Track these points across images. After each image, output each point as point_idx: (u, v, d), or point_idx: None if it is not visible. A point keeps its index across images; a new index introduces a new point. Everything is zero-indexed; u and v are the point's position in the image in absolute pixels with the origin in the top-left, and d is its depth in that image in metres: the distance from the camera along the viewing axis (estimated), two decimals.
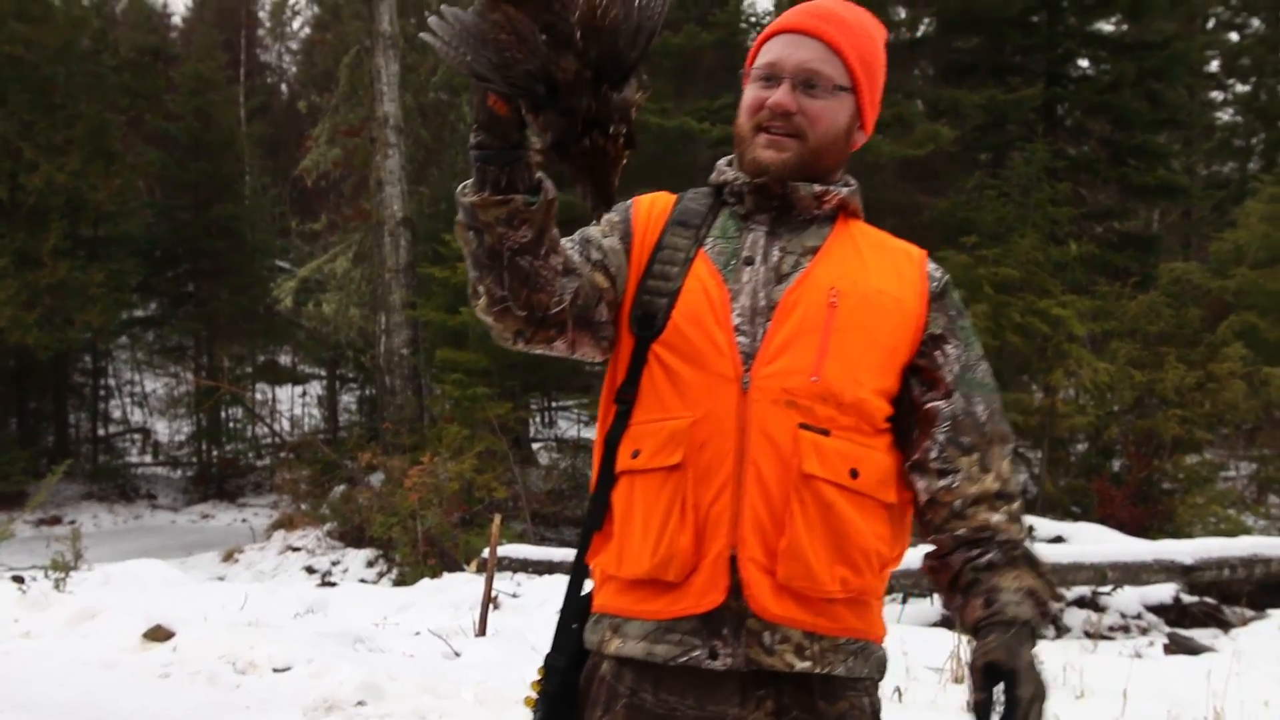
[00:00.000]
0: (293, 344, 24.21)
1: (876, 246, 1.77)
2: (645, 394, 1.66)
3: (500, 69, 1.37)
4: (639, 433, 1.65)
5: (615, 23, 1.40)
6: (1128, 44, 15.60)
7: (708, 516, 1.59)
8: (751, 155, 1.72)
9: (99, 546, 12.77)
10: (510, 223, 1.49)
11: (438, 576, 8.78)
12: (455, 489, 10.71)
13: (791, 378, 1.60)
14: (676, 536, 1.58)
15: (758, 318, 1.64)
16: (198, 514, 18.97)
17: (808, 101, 1.70)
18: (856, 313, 1.66)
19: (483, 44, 1.37)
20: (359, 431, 17.19)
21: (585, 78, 1.39)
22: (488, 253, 1.53)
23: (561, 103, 1.39)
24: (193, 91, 21.86)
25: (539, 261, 1.55)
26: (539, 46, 1.38)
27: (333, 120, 16.67)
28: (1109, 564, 7.54)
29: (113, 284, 18.34)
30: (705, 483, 1.59)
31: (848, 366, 1.63)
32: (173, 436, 23.29)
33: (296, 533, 13.66)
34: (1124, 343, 11.85)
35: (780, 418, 1.59)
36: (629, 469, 1.65)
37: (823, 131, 1.71)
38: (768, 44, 1.76)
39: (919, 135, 12.37)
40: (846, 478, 1.61)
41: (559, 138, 1.41)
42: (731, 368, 1.61)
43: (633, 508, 1.64)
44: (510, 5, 1.38)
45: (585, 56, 1.39)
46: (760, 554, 1.57)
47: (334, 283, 16.29)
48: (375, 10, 15.39)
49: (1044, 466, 11.90)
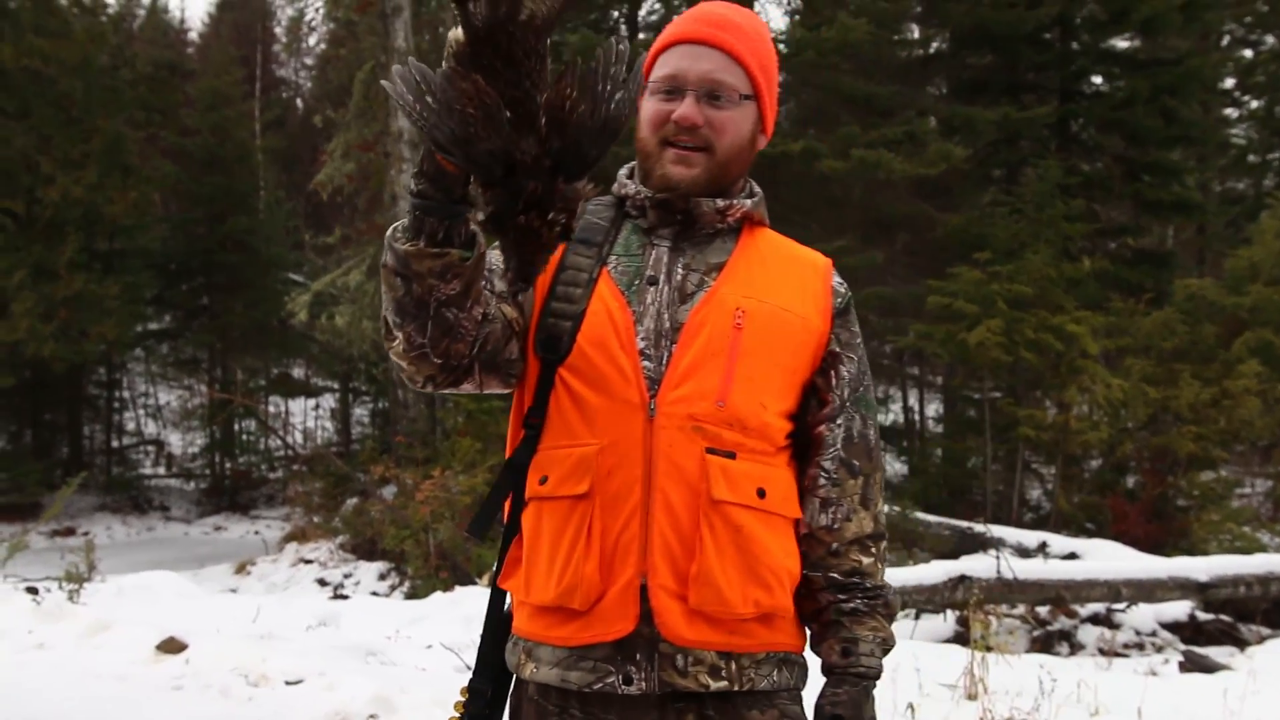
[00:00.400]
0: (306, 357, 24.27)
1: (783, 258, 1.76)
2: (553, 419, 1.65)
3: (461, 143, 1.35)
4: (546, 459, 1.65)
5: (582, 119, 1.38)
6: (1141, 61, 15.59)
7: (616, 545, 1.58)
8: (660, 172, 1.69)
9: (112, 558, 12.78)
10: (442, 275, 1.48)
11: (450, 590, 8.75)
12: (468, 502, 10.69)
13: (697, 403, 1.60)
14: (581, 565, 1.58)
15: (663, 340, 1.63)
16: (210, 526, 18.98)
17: (713, 113, 1.68)
18: (762, 334, 1.65)
19: (448, 111, 1.34)
20: (371, 444, 17.18)
21: (542, 164, 1.38)
22: (415, 302, 1.51)
23: (513, 182, 1.38)
24: (209, 106, 22.00)
25: (463, 314, 1.54)
26: (503, 125, 1.36)
27: (347, 135, 16.72)
28: (1123, 581, 7.50)
29: (128, 297, 18.43)
30: (613, 511, 1.59)
31: (753, 390, 1.63)
32: (186, 449, 23.34)
33: (309, 545, 13.66)
34: (1138, 359, 11.81)
35: (687, 444, 1.59)
36: (537, 495, 1.65)
37: (729, 142, 1.70)
38: (665, 55, 1.73)
39: (932, 154, 12.36)
40: (754, 498, 1.61)
41: (498, 211, 1.40)
42: (637, 394, 1.60)
43: (540, 534, 1.64)
44: (480, 76, 1.35)
45: (546, 144, 1.38)
46: (670, 581, 1.57)
47: (347, 296, 16.32)
48: (390, 27, 15.46)
49: (1058, 482, 11.86)
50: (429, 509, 10.25)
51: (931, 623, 7.82)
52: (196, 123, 22.10)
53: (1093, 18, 15.43)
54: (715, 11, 1.75)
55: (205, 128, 21.92)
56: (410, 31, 15.66)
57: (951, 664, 5.43)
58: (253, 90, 28.83)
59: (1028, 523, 11.65)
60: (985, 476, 12.38)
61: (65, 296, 16.87)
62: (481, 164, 1.36)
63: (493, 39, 1.35)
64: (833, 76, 13.17)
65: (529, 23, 1.35)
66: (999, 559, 7.56)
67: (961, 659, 5.38)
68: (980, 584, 7.24)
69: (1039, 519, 12.23)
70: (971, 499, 13.17)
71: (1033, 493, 13.54)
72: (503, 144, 1.35)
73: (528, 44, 1.36)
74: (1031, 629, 7.85)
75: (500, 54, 1.36)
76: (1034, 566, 7.78)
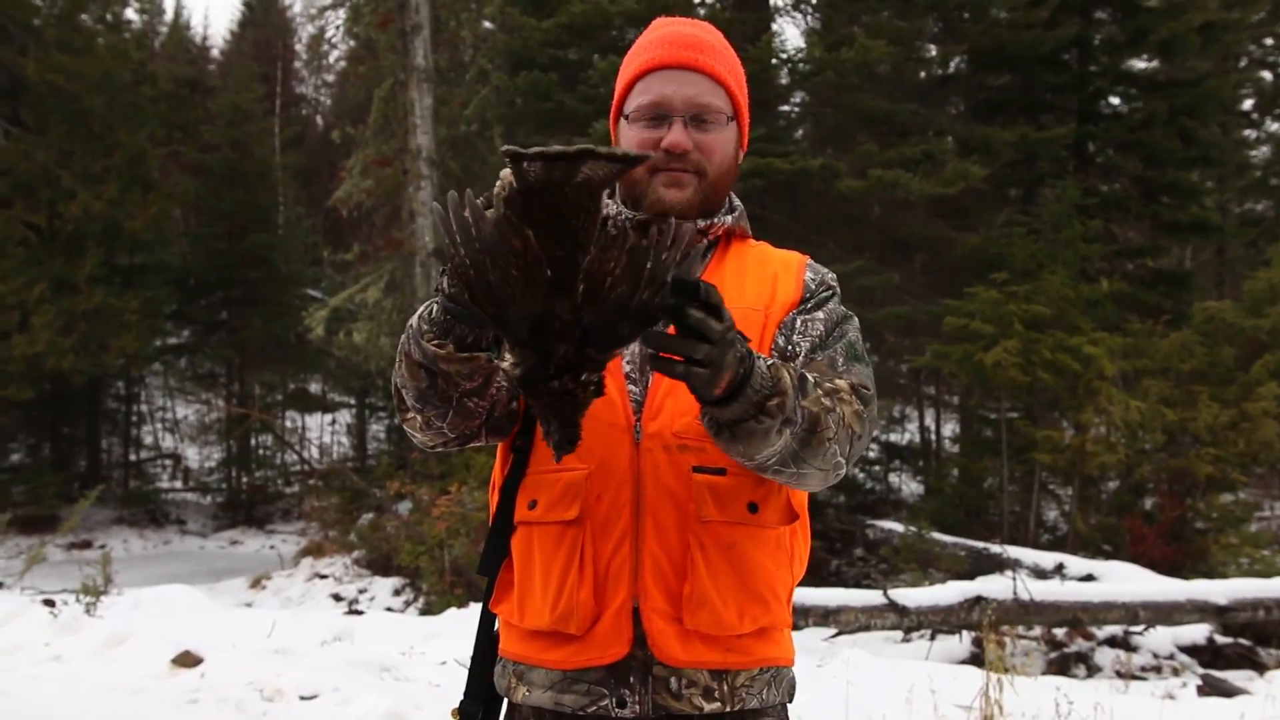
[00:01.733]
0: (323, 372, 24.33)
1: (757, 262, 1.75)
2: (540, 443, 1.64)
3: (496, 302, 1.29)
4: (535, 483, 1.65)
5: (619, 299, 1.31)
6: (1160, 82, 15.56)
7: (608, 569, 1.58)
8: (653, 197, 1.68)
9: (129, 571, 12.83)
10: (470, 376, 1.50)
11: (464, 606, 8.76)
12: (483, 519, 10.68)
13: (679, 420, 1.60)
14: (576, 590, 1.58)
15: (647, 365, 1.63)
16: (226, 540, 19.02)
17: (701, 136, 1.69)
18: None
19: (491, 265, 1.28)
20: (387, 460, 17.21)
21: (574, 331, 1.32)
22: (439, 395, 1.53)
23: (542, 343, 1.32)
24: (229, 122, 22.15)
25: (483, 401, 1.56)
26: (540, 289, 1.30)
27: (366, 152, 16.81)
28: (1141, 603, 7.46)
29: (147, 311, 18.52)
30: (603, 535, 1.59)
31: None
32: (203, 463, 23.42)
33: (324, 560, 13.68)
34: (1156, 381, 11.75)
35: (674, 464, 1.59)
36: (526, 520, 1.65)
37: (718, 163, 1.71)
38: (644, 82, 1.72)
39: (949, 173, 12.34)
40: (745, 514, 1.60)
41: (529, 374, 1.34)
42: (624, 418, 1.60)
43: (532, 559, 1.64)
44: (532, 232, 1.29)
45: (580, 311, 1.31)
46: (663, 603, 1.57)
47: (365, 312, 16.38)
48: (410, 45, 15.56)
49: (1075, 504, 11.80)
50: (444, 525, 10.25)
51: (947, 644, 7.78)
52: (217, 138, 22.25)
53: (1111, 39, 15.42)
54: (686, 34, 1.74)
55: (226, 143, 22.07)
56: (429, 49, 15.75)
57: (967, 686, 5.40)
58: (273, 107, 29.02)
59: (1044, 544, 11.58)
60: (1002, 497, 12.32)
61: (85, 310, 16.98)
62: (510, 327, 1.32)
63: (545, 195, 1.30)
64: (851, 96, 13.18)
65: (584, 184, 1.31)
66: (1015, 580, 7.52)
67: (977, 681, 5.35)
68: (996, 605, 7.20)
69: (1056, 540, 12.16)
70: (988, 519, 13.10)
71: (1049, 514, 13.47)
72: (537, 308, 1.30)
73: (579, 204, 1.32)
74: (1048, 651, 7.80)
75: (550, 210, 1.31)
76: (1051, 588, 7.74)
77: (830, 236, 14.21)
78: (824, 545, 12.51)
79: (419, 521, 11.33)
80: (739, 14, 12.99)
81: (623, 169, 1.33)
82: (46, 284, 16.58)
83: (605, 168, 1.32)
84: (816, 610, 7.22)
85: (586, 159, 1.30)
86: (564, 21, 13.07)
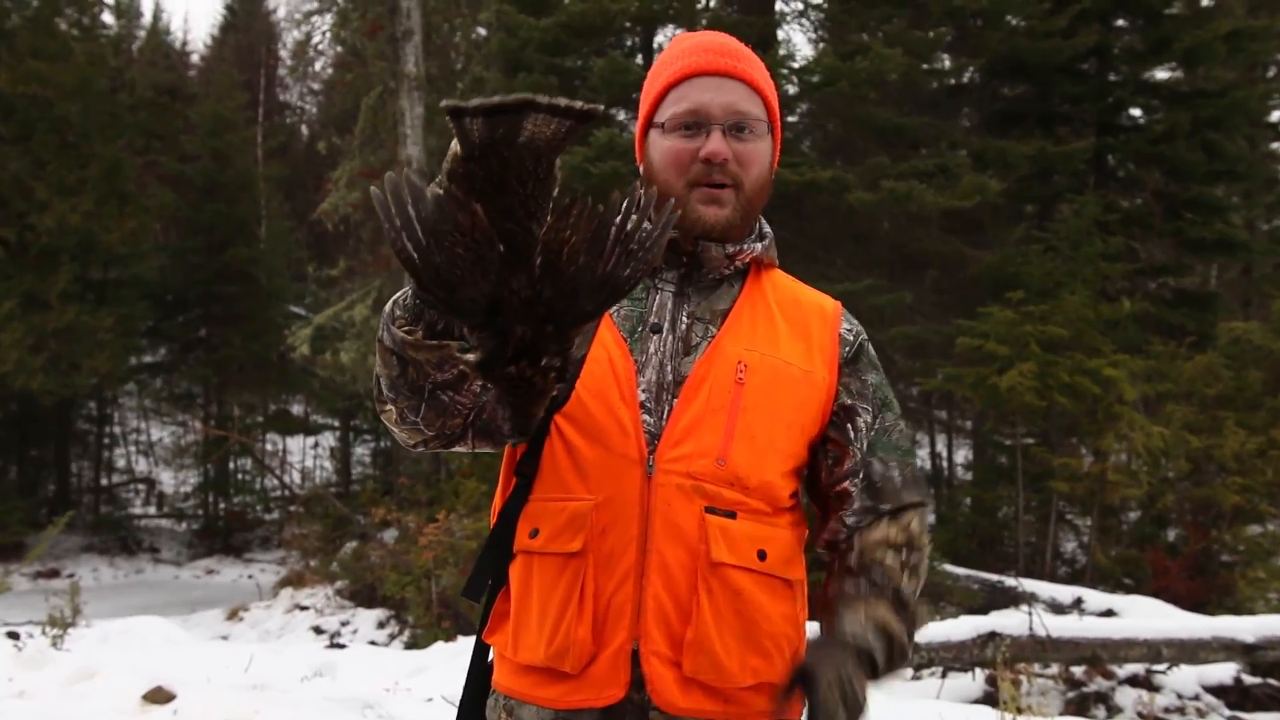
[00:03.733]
0: (306, 393, 24.34)
1: (789, 303, 1.75)
2: (546, 468, 1.64)
3: (445, 286, 1.26)
4: (538, 510, 1.64)
5: (581, 271, 1.28)
6: (1183, 93, 15.62)
7: (608, 607, 1.57)
8: (692, 217, 1.67)
9: (98, 602, 12.80)
10: (440, 365, 1.49)
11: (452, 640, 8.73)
12: (472, 547, 10.67)
13: (697, 461, 1.59)
14: (574, 627, 1.57)
15: (664, 394, 1.63)
16: (202, 569, 18.98)
17: (739, 147, 1.68)
18: (764, 389, 1.64)
19: (436, 244, 1.25)
20: (373, 486, 17.20)
21: (533, 308, 1.29)
22: (409, 385, 1.52)
23: (499, 324, 1.29)
24: (210, 132, 22.21)
25: (459, 396, 1.55)
26: (493, 267, 1.27)
27: (353, 163, 16.86)
28: (1164, 641, 7.43)
29: (122, 328, 18.52)
30: (606, 571, 1.58)
31: (754, 448, 1.62)
32: (178, 488, 23.39)
33: (305, 591, 13.64)
34: (1180, 406, 11.75)
35: (686, 504, 1.58)
36: (527, 549, 1.64)
37: (755, 176, 1.70)
38: (679, 89, 1.71)
39: (965, 186, 12.37)
40: (755, 560, 1.60)
41: (485, 358, 1.32)
42: (636, 449, 1.60)
43: (530, 590, 1.63)
44: (480, 205, 1.27)
45: (538, 286, 1.29)
46: (664, 647, 1.57)
47: (351, 331, 16.39)
48: (400, 51, 15.63)
49: (1094, 535, 11.78)
50: (432, 554, 10.24)
51: (959, 682, 7.75)
52: (197, 148, 22.31)
53: (1131, 48, 15.48)
54: (721, 41, 1.75)
55: (206, 153, 22.13)
56: (421, 56, 15.82)
57: None
58: (256, 115, 29.12)
59: (1062, 577, 11.56)
60: (1017, 527, 12.30)
61: (56, 327, 16.97)
62: (464, 310, 1.29)
63: (490, 160, 1.29)
64: (862, 107, 13.22)
65: (529, 145, 1.29)
66: (1031, 615, 7.50)
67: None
68: (1011, 641, 7.18)
69: (1074, 573, 12.13)
70: (1002, 551, 13.08)
71: (1067, 545, 13.45)
72: (490, 288, 1.27)
73: (524, 168, 1.29)
74: (1065, 690, 7.77)
75: (496, 178, 1.29)
76: (1068, 624, 7.72)
77: (838, 253, 14.23)
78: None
79: (405, 550, 11.31)
80: (745, 16, 13.02)
81: (573, 126, 1.31)
82: (16, 300, 16.58)
83: (553, 125, 1.29)
84: None
85: (528, 111, 1.28)
86: (563, 20, 13.11)
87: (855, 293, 11.73)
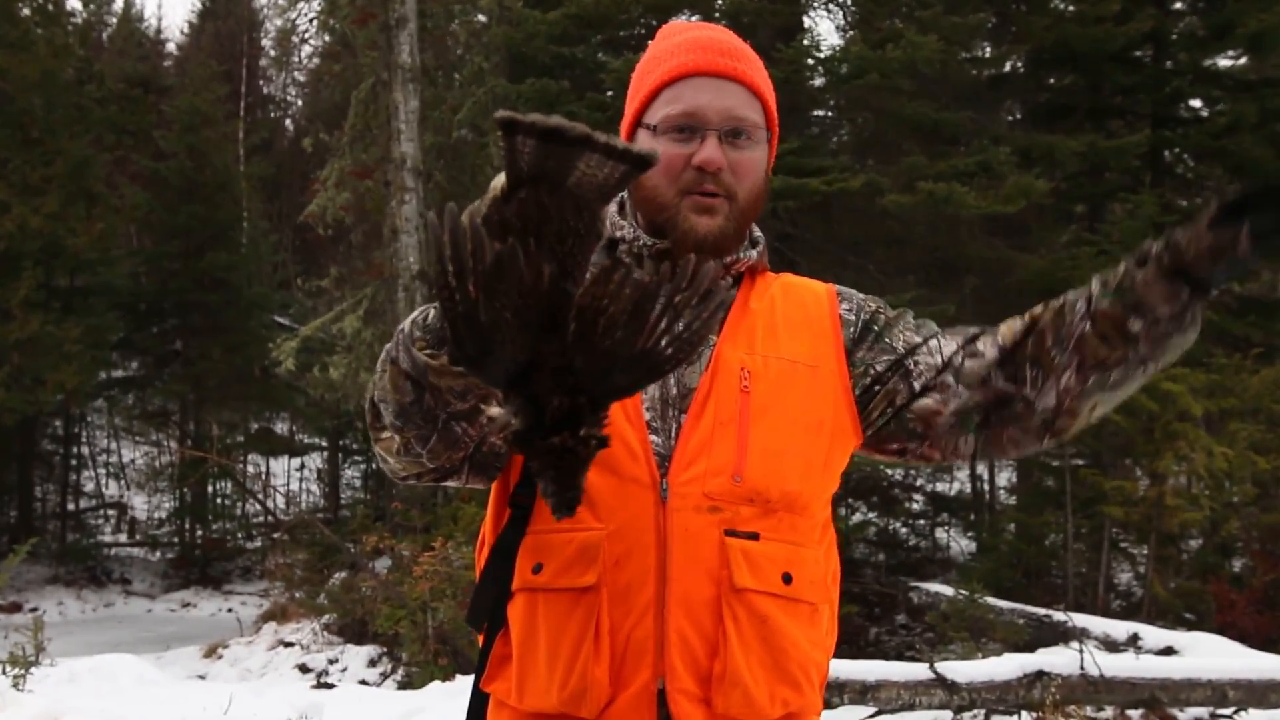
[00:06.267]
0: (291, 411, 24.37)
1: (784, 298, 1.77)
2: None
3: (483, 348, 1.23)
4: (540, 543, 1.62)
5: (614, 347, 1.25)
6: (1248, 81, 15.58)
7: (628, 644, 1.57)
8: (684, 227, 1.68)
9: (64, 638, 12.82)
10: (463, 395, 1.49)
11: (450, 679, 8.74)
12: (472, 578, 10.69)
13: (712, 481, 1.60)
14: (591, 667, 1.56)
15: (670, 410, 1.64)
16: (177, 602, 19.01)
17: (735, 155, 1.69)
18: (772, 393, 1.66)
19: (487, 301, 1.20)
20: (363, 511, 17.20)
21: (565, 378, 1.27)
22: (423, 413, 1.52)
23: (532, 389, 1.27)
24: (186, 127, 22.27)
25: (473, 429, 1.55)
26: (533, 335, 1.24)
27: (342, 161, 16.90)
28: (1230, 681, 7.40)
29: (90, 340, 18.55)
30: (623, 605, 1.58)
31: (771, 459, 1.63)
32: (152, 513, 23.44)
33: (289, 625, 13.66)
34: (1245, 423, 11.71)
35: (704, 527, 1.59)
36: (530, 585, 1.62)
37: (749, 185, 1.72)
38: (672, 89, 1.72)
39: (1010, 188, 12.35)
40: (780, 584, 1.61)
41: (523, 430, 1.30)
42: (647, 473, 1.60)
43: (535, 631, 1.61)
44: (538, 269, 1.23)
45: (568, 356, 1.26)
46: (692, 684, 1.57)
47: (341, 344, 16.42)
48: (394, 40, 15.67)
49: (1151, 565, 11.73)
50: (428, 585, 10.24)
51: None
52: (172, 145, 22.38)
53: (1191, 33, 15.46)
54: (720, 39, 1.76)
55: (182, 151, 22.18)
56: (417, 46, 15.87)
57: None
58: (236, 109, 29.23)
59: (1116, 611, 11.53)
60: (1066, 556, 12.27)
61: (19, 339, 17.01)
62: (492, 376, 1.28)
63: (527, 202, 1.28)
64: (895, 101, 13.23)
65: (575, 190, 1.28)
66: (1082, 652, 7.48)
67: None
68: (1061, 681, 7.16)
69: (1129, 607, 12.10)
70: (1050, 582, 13.05)
71: (1122, 576, 13.41)
72: (525, 356, 1.25)
73: (564, 219, 1.28)
74: None
75: (531, 227, 1.28)
76: (1124, 662, 7.70)
77: (870, 258, 14.23)
78: (862, 611, 12.47)
79: (399, 581, 11.32)
80: (769, 3, 13.05)
81: (626, 173, 1.32)
82: None
83: (605, 169, 1.29)
84: (853, 685, 7.17)
85: (584, 149, 1.27)
86: (572, 12, 13.13)
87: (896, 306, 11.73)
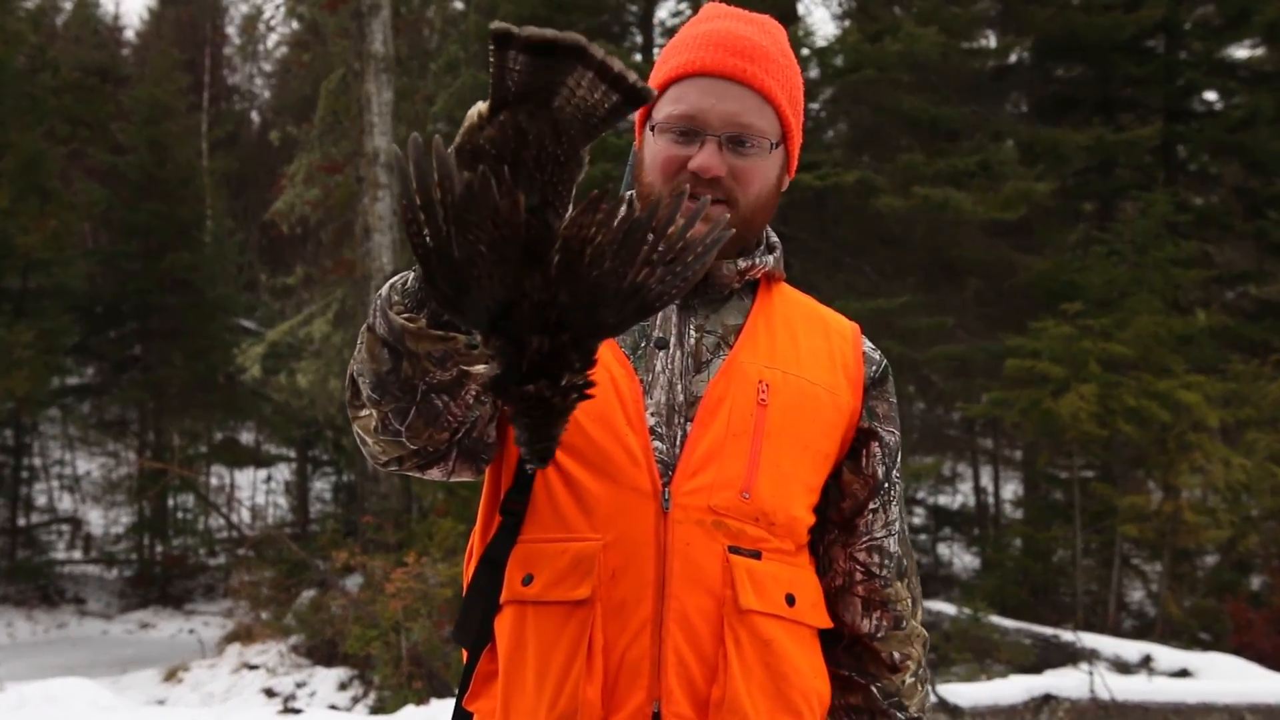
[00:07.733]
0: (257, 420, 24.31)
1: (806, 319, 1.78)
2: (540, 505, 1.62)
3: (457, 284, 1.24)
4: (532, 553, 1.62)
5: (600, 279, 1.26)
6: (1266, 73, 15.66)
7: (622, 663, 1.56)
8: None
9: (14, 661, 12.79)
10: (441, 362, 1.45)
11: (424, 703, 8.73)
12: (448, 596, 10.67)
13: (718, 494, 1.59)
14: (582, 686, 1.55)
15: (675, 416, 1.63)
16: (135, 623, 18.94)
17: (737, 162, 1.67)
18: (789, 412, 1.66)
19: (459, 235, 1.21)
20: (333, 526, 17.18)
21: (547, 314, 1.26)
22: (401, 383, 1.48)
23: (512, 329, 1.27)
24: (146, 119, 22.20)
25: (454, 402, 1.51)
26: (513, 266, 1.24)
27: (311, 155, 16.88)
28: (1248, 705, 7.43)
29: (43, 345, 18.47)
30: (618, 622, 1.57)
31: (781, 480, 1.63)
32: (108, 528, 23.33)
33: (255, 647, 13.62)
34: (1264, 433, 11.75)
35: (707, 542, 1.58)
36: (520, 598, 1.61)
37: (755, 194, 1.70)
38: (679, 87, 1.71)
39: (1009, 191, 12.34)
40: (784, 606, 1.61)
41: (499, 374, 1.30)
42: (649, 481, 1.59)
43: (524, 646, 1.60)
44: (513, 197, 1.22)
45: (553, 290, 1.26)
46: (688, 709, 1.56)
47: (310, 349, 16.39)
48: (366, 28, 15.65)
49: (1164, 583, 11.77)
50: (401, 604, 10.23)
51: None
52: (131, 138, 22.31)
53: (1205, 22, 15.53)
54: (739, 34, 1.72)
55: (142, 144, 22.11)
56: (390, 34, 15.86)
57: None
58: (199, 101, 29.19)
59: (1128, 631, 11.56)
60: (1074, 573, 12.30)
61: None
62: (471, 314, 1.27)
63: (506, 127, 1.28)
64: (892, 94, 13.25)
65: (559, 114, 1.28)
66: (1092, 675, 7.49)
67: None
68: (1069, 705, 7.18)
69: (1142, 627, 12.13)
70: (1058, 601, 13.08)
71: (1134, 594, 13.44)
72: (505, 292, 1.25)
73: (543, 145, 1.28)
74: None
75: (507, 153, 1.28)
76: (1136, 685, 7.71)
77: (866, 259, 14.25)
78: None
79: (370, 600, 11.30)
80: None
81: (616, 104, 1.31)
82: None
83: (597, 93, 1.28)
84: None
85: (576, 62, 1.27)
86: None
87: (890, 312, 11.75)
